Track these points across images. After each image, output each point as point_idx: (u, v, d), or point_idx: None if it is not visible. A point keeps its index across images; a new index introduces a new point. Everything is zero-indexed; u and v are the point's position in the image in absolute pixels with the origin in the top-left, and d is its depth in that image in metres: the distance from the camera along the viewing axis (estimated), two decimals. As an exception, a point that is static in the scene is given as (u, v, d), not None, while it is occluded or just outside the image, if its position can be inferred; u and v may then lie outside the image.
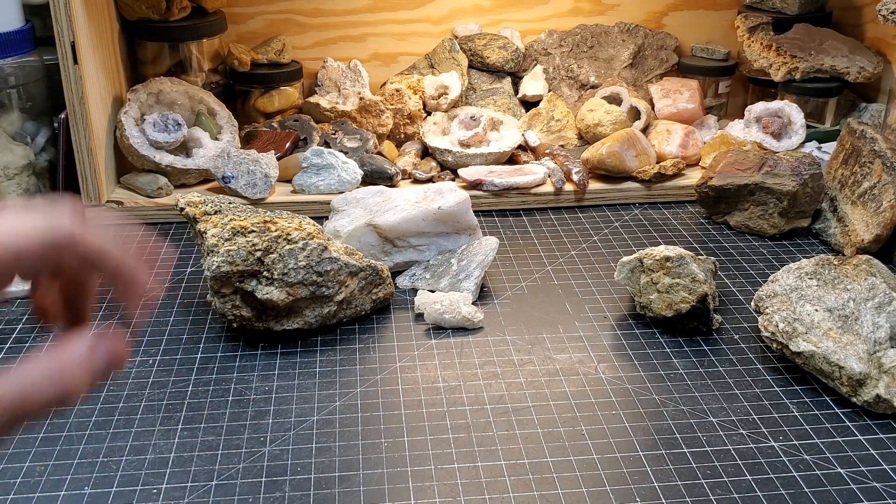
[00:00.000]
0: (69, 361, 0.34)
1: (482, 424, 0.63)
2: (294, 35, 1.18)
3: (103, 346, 0.35)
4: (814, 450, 0.61)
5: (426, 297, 0.77)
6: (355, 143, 1.06)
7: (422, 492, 0.56)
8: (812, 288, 0.72)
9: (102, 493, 0.56)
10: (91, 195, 0.95)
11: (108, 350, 0.35)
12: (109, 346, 0.35)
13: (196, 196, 0.76)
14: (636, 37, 1.23)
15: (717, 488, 0.57)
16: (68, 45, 0.89)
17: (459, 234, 0.85)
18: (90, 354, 0.34)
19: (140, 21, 1.04)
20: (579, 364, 0.71)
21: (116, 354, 0.35)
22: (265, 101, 1.13)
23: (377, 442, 0.61)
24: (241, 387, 0.67)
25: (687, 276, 0.73)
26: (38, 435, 0.62)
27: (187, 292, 0.82)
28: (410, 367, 0.70)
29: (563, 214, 1.00)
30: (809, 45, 1.12)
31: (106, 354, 0.35)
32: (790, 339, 0.67)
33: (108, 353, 0.35)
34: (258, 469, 0.58)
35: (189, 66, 1.08)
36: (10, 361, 0.71)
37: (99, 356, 0.34)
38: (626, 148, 1.02)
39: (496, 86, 1.19)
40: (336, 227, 0.84)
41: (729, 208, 0.96)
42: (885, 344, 0.67)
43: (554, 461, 0.59)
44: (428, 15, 1.20)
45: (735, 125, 1.13)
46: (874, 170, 0.89)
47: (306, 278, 0.71)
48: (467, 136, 1.07)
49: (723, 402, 0.66)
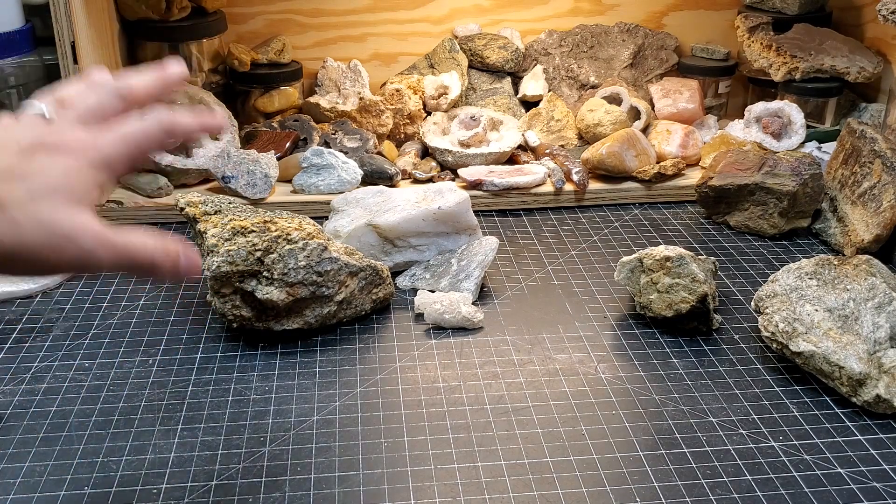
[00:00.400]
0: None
1: (482, 424, 0.63)
2: (294, 35, 1.18)
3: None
4: (814, 450, 0.61)
5: (426, 297, 0.77)
6: (355, 143, 1.06)
7: (422, 492, 0.56)
8: (812, 288, 0.72)
9: (102, 493, 0.56)
10: (91, 195, 0.95)
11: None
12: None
13: (196, 196, 0.76)
14: (636, 37, 1.23)
15: (717, 488, 0.57)
16: (68, 45, 0.89)
17: (459, 234, 0.85)
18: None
19: (140, 21, 1.04)
20: (579, 364, 0.71)
21: None
22: (265, 101, 1.13)
23: (377, 442, 0.61)
24: (241, 387, 0.67)
25: (687, 276, 0.73)
26: (38, 435, 0.62)
27: (187, 292, 0.82)
28: (410, 367, 0.70)
29: (563, 214, 1.00)
30: (809, 45, 1.12)
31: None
32: (790, 339, 0.67)
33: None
34: (258, 469, 0.58)
35: (189, 66, 1.08)
36: (10, 362, 0.71)
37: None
38: (626, 148, 1.02)
39: (496, 86, 1.19)
40: (336, 227, 0.84)
41: (729, 208, 0.96)
42: (885, 344, 0.67)
43: (554, 461, 0.59)
44: (428, 15, 1.20)
45: (735, 125, 1.13)
46: (874, 170, 0.89)
47: (306, 278, 0.71)
48: (467, 136, 1.07)
49: (723, 402, 0.66)
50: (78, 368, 0.70)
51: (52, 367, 0.70)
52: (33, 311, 0.78)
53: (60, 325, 0.76)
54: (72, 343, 0.73)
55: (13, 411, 0.64)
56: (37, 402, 0.65)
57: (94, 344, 0.73)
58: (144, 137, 0.47)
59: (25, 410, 0.65)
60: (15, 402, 0.66)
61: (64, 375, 0.69)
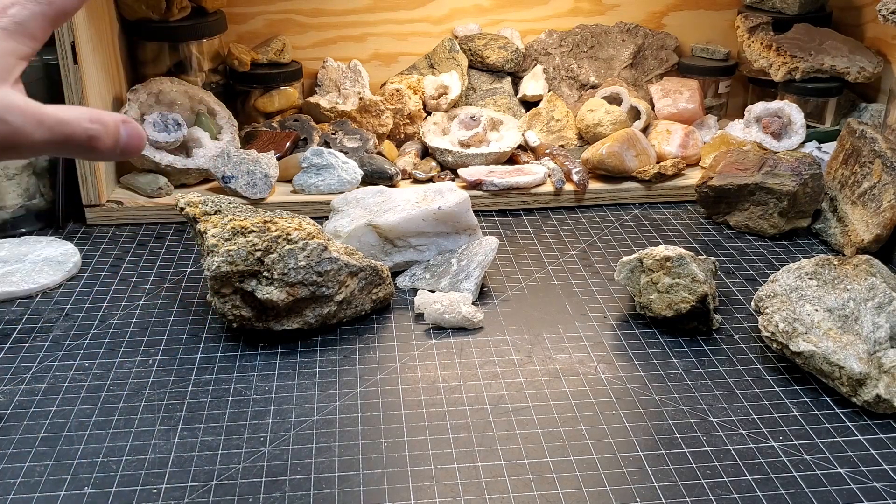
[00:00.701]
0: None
1: (482, 424, 0.63)
2: (294, 35, 1.18)
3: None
4: (814, 450, 0.61)
5: (426, 297, 0.77)
6: (355, 143, 1.06)
7: (422, 492, 0.56)
8: (812, 288, 0.72)
9: (102, 493, 0.56)
10: (91, 195, 0.95)
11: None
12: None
13: (196, 196, 0.76)
14: (636, 37, 1.23)
15: (717, 488, 0.57)
16: (68, 45, 0.89)
17: (459, 234, 0.85)
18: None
19: (140, 21, 1.04)
20: (579, 364, 0.71)
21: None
22: (265, 101, 1.13)
23: (377, 442, 0.61)
24: (241, 387, 0.67)
25: (687, 276, 0.73)
26: (38, 435, 0.62)
27: (187, 292, 0.82)
28: (410, 367, 0.70)
29: (563, 214, 1.00)
30: (809, 45, 1.12)
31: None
32: (790, 339, 0.67)
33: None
34: (258, 469, 0.58)
35: (189, 66, 1.08)
36: (10, 362, 0.71)
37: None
38: (626, 148, 1.02)
39: (496, 86, 1.19)
40: (336, 227, 0.84)
41: (729, 208, 0.96)
42: (885, 344, 0.67)
43: (554, 461, 0.59)
44: (428, 15, 1.20)
45: (735, 125, 1.13)
46: (874, 170, 0.89)
47: (306, 278, 0.71)
48: (467, 136, 1.07)
49: (723, 402, 0.66)
50: (78, 368, 0.70)
51: (52, 367, 0.70)
52: (33, 311, 0.78)
53: (60, 325, 0.76)
54: (72, 343, 0.73)
55: (13, 411, 0.64)
56: (37, 402, 0.65)
57: (94, 344, 0.73)
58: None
59: (25, 410, 0.65)
60: (15, 402, 0.66)
61: (64, 375, 0.69)
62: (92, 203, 0.95)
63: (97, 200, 0.95)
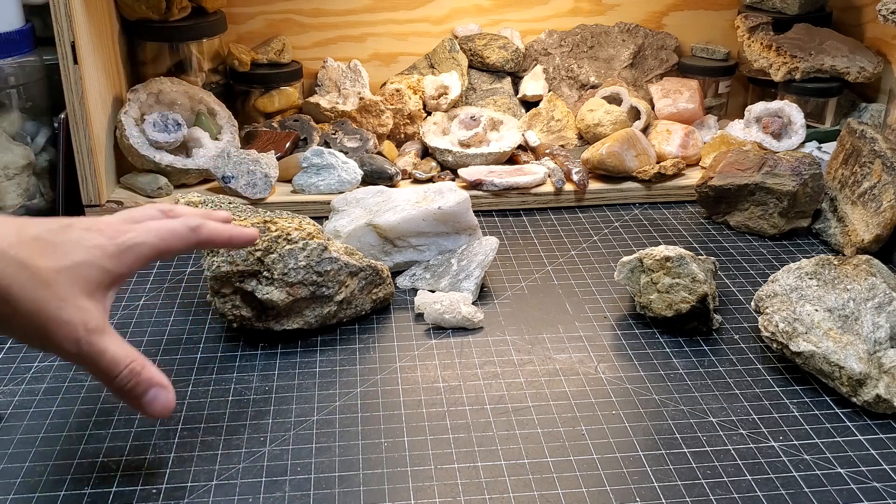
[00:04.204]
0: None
1: (482, 424, 0.63)
2: (294, 35, 1.18)
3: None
4: (814, 450, 0.61)
5: (426, 297, 0.77)
6: (355, 143, 1.06)
7: (422, 492, 0.56)
8: (812, 288, 0.72)
9: (102, 493, 0.56)
10: (91, 195, 0.95)
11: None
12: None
13: (196, 196, 0.76)
14: (636, 37, 1.23)
15: (717, 488, 0.57)
16: (68, 45, 0.89)
17: (459, 234, 0.85)
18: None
19: (140, 21, 1.04)
20: (579, 364, 0.71)
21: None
22: (265, 101, 1.13)
23: (377, 442, 0.61)
24: (241, 387, 0.67)
25: (687, 276, 0.73)
26: (39, 435, 0.62)
27: (187, 292, 0.82)
28: (410, 367, 0.70)
29: (563, 214, 1.00)
30: (809, 45, 1.12)
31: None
32: (790, 339, 0.67)
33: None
34: (258, 469, 0.58)
35: (189, 66, 1.08)
36: (10, 361, 0.71)
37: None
38: (626, 148, 1.02)
39: (496, 86, 1.19)
40: (336, 227, 0.84)
41: (729, 208, 0.96)
42: (885, 344, 0.67)
43: (554, 461, 0.59)
44: (428, 15, 1.20)
45: (735, 125, 1.13)
46: (874, 170, 0.89)
47: (306, 278, 0.71)
48: (467, 136, 1.07)
49: (723, 402, 0.66)
50: (78, 368, 0.70)
51: (52, 367, 0.70)
52: (33, 311, 0.78)
53: None
54: (72, 343, 0.73)
55: (13, 411, 0.64)
56: (37, 402, 0.65)
57: (94, 344, 0.73)
58: (170, 232, 0.52)
59: (25, 410, 0.65)
60: (15, 402, 0.66)
61: (64, 375, 0.69)
62: (92, 203, 0.95)
63: (97, 200, 0.95)
